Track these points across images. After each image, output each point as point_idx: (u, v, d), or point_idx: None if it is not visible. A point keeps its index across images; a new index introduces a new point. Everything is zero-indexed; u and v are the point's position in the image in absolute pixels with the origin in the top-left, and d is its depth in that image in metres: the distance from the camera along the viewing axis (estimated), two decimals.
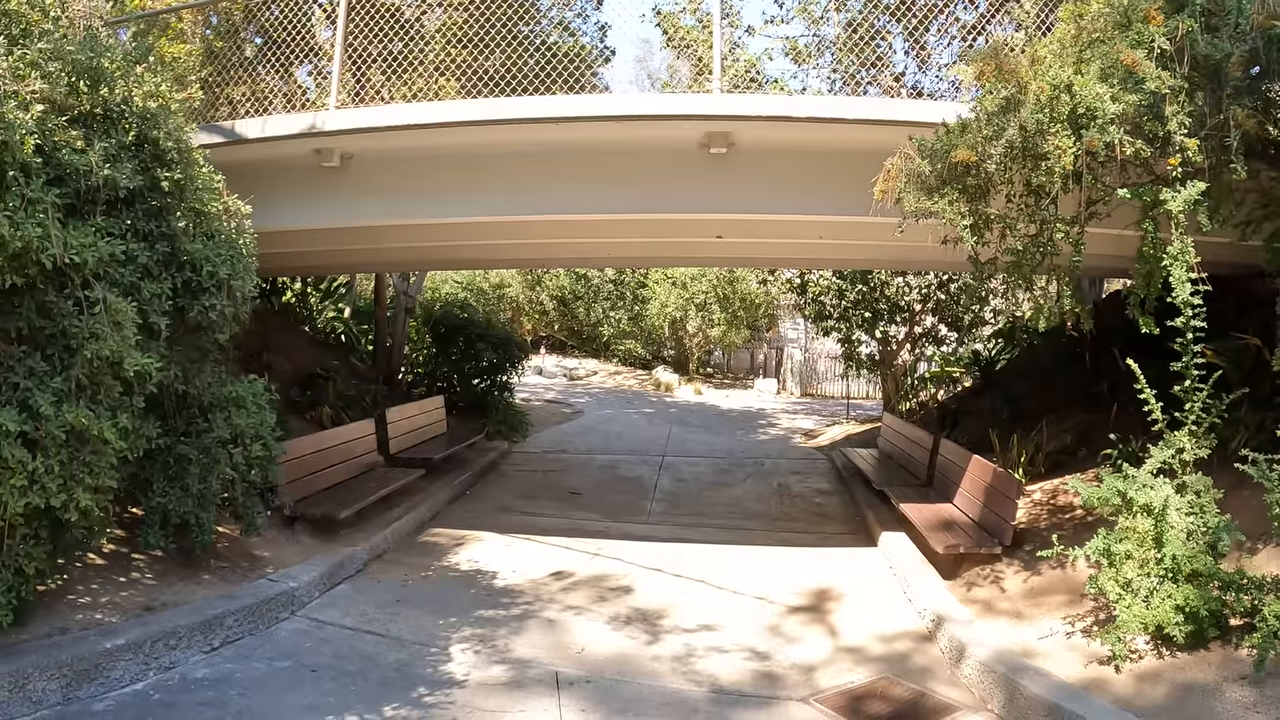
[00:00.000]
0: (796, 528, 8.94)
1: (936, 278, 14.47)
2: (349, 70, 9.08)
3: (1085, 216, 5.25)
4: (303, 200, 7.31)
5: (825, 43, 10.23)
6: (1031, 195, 5.17)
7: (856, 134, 6.29)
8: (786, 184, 6.64)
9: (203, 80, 8.42)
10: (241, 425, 5.53)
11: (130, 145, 4.92)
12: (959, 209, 4.74)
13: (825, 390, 23.59)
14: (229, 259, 5.18)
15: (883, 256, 10.15)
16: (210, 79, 8.43)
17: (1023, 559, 6.73)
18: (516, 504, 9.62)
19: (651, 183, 6.70)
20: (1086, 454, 8.65)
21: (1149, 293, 5.41)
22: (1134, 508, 5.14)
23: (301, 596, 6.02)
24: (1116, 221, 5.49)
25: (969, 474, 7.81)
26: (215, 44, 9.14)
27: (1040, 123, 4.68)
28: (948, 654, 5.55)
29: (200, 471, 5.44)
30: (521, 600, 6.38)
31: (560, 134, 6.48)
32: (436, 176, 7.06)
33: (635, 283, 26.80)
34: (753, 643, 5.73)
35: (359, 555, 6.98)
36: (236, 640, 5.34)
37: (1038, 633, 5.58)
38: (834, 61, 9.40)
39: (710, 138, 6.23)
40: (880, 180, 4.95)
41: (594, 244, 9.54)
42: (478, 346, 14.21)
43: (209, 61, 8.82)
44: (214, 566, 6.16)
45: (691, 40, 11.16)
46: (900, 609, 6.49)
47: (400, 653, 5.31)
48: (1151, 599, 4.94)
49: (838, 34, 9.25)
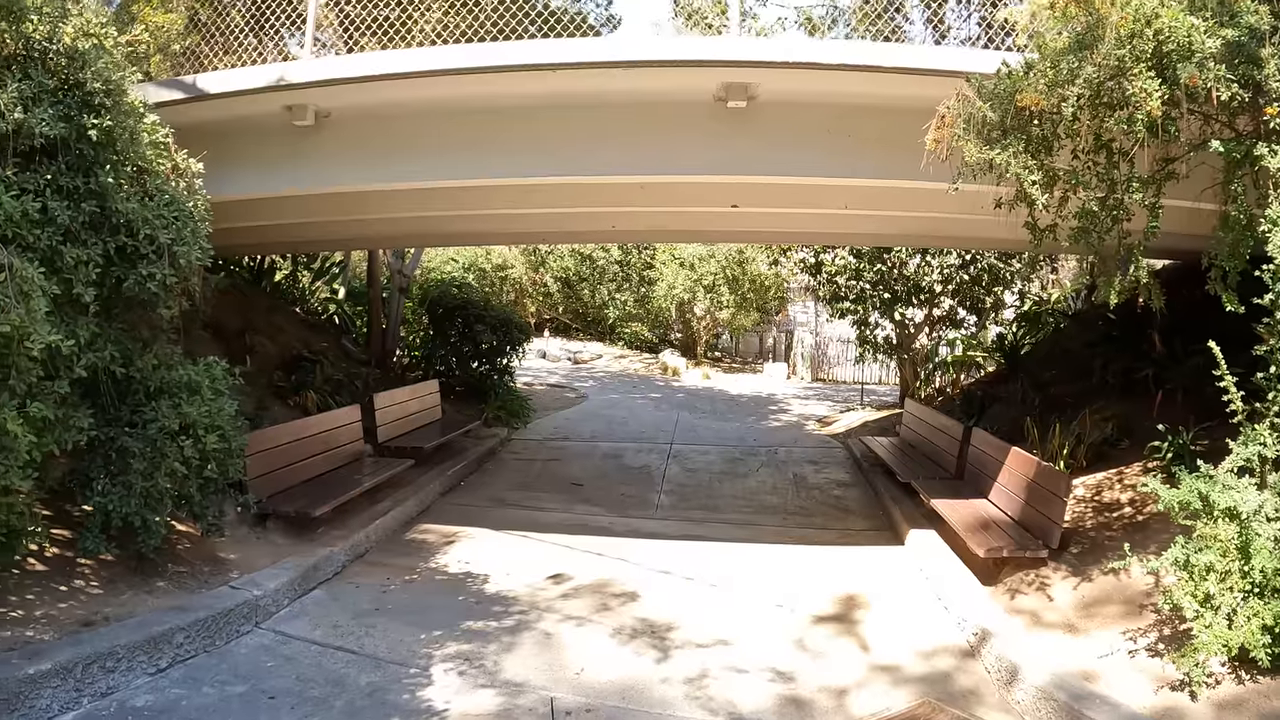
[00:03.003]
0: (815, 523, 8.27)
1: (960, 257, 13.70)
2: (340, 38, 8.41)
3: (1163, 176, 4.52)
4: (273, 164, 6.61)
5: (840, 13, 9.53)
6: (1101, 151, 4.45)
7: (890, 87, 5.57)
8: (810, 144, 5.91)
9: (186, 50, 7.80)
10: (192, 414, 4.84)
11: (55, 90, 4.23)
12: (1024, 162, 4.01)
13: (836, 375, 22.88)
14: (172, 222, 4.48)
15: (910, 230, 9.40)
16: (193, 50, 7.79)
17: (1070, 563, 6.07)
18: (514, 496, 8.96)
19: (662, 142, 5.98)
20: (1130, 445, 7.98)
21: (1233, 266, 4.68)
22: (1214, 512, 4.47)
23: (267, 606, 5.37)
24: (1186, 190, 4.78)
25: (1008, 467, 7.12)
26: (200, 11, 8.50)
27: (1121, 61, 3.95)
28: (996, 674, 4.89)
29: (145, 467, 4.77)
30: (515, 609, 5.71)
31: (561, 85, 5.76)
32: (423, 137, 6.35)
33: (642, 264, 26.02)
34: (775, 660, 5.07)
35: (336, 557, 6.33)
36: (188, 659, 4.69)
37: (1096, 650, 4.92)
38: (848, 32, 8.69)
39: (728, 89, 5.50)
40: (933, 128, 4.22)
41: (598, 214, 8.80)
42: (476, 328, 13.53)
43: (192, 30, 8.19)
44: (171, 572, 5.51)
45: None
46: (936, 618, 5.82)
47: (374, 674, 4.66)
48: (1235, 617, 4.28)
49: (851, 3, 8.55)
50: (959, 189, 4.30)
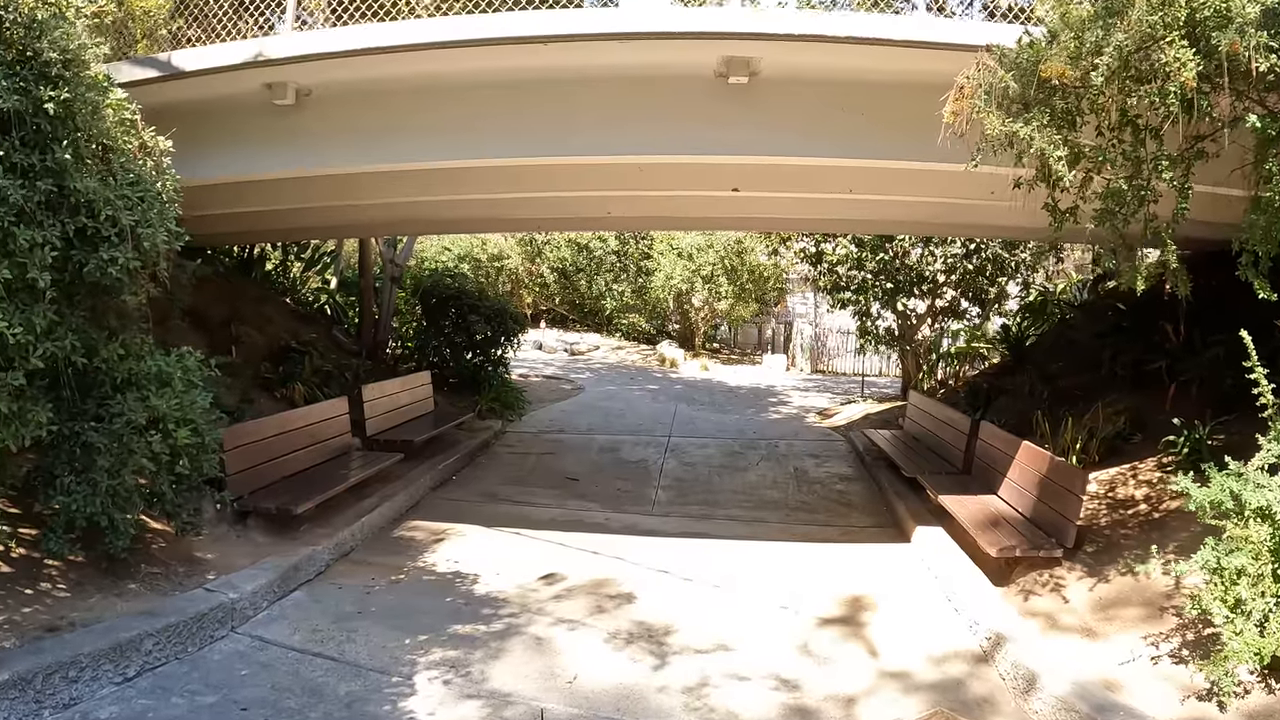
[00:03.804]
0: (818, 520, 8.01)
1: (964, 246, 13.43)
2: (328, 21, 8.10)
3: (1193, 154, 4.25)
4: (254, 145, 6.31)
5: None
6: (1127, 127, 4.17)
7: (899, 61, 5.29)
8: (815, 123, 5.62)
9: (173, 35, 7.50)
10: (161, 407, 4.56)
11: (12, 61, 3.94)
12: (1049, 136, 3.73)
13: (836, 367, 22.61)
14: (136, 203, 4.19)
15: (917, 217, 9.10)
16: (179, 33, 7.48)
17: (1085, 563, 5.82)
18: (507, 492, 8.69)
19: (661, 121, 5.68)
20: (1143, 439, 7.72)
21: (1266, 251, 4.41)
22: (1245, 512, 4.22)
23: (244, 609, 5.10)
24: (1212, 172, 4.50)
25: (1018, 462, 6.85)
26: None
27: (1153, 28, 3.67)
28: (1011, 682, 4.63)
29: (111, 464, 4.49)
30: (505, 612, 5.45)
31: (555, 59, 5.48)
32: (409, 116, 6.05)
33: (639, 254, 25.68)
34: (778, 666, 4.81)
35: (319, 556, 6.06)
36: (158, 667, 4.43)
37: (1117, 656, 4.67)
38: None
39: (728, 64, 5.21)
40: (952, 99, 3.93)
41: (594, 199, 8.50)
42: (470, 318, 13.24)
43: (179, 14, 7.89)
44: (144, 573, 5.24)
45: None
46: (946, 621, 5.57)
47: (354, 683, 4.39)
48: (1268, 623, 4.03)
49: None
50: (977, 167, 4.01)
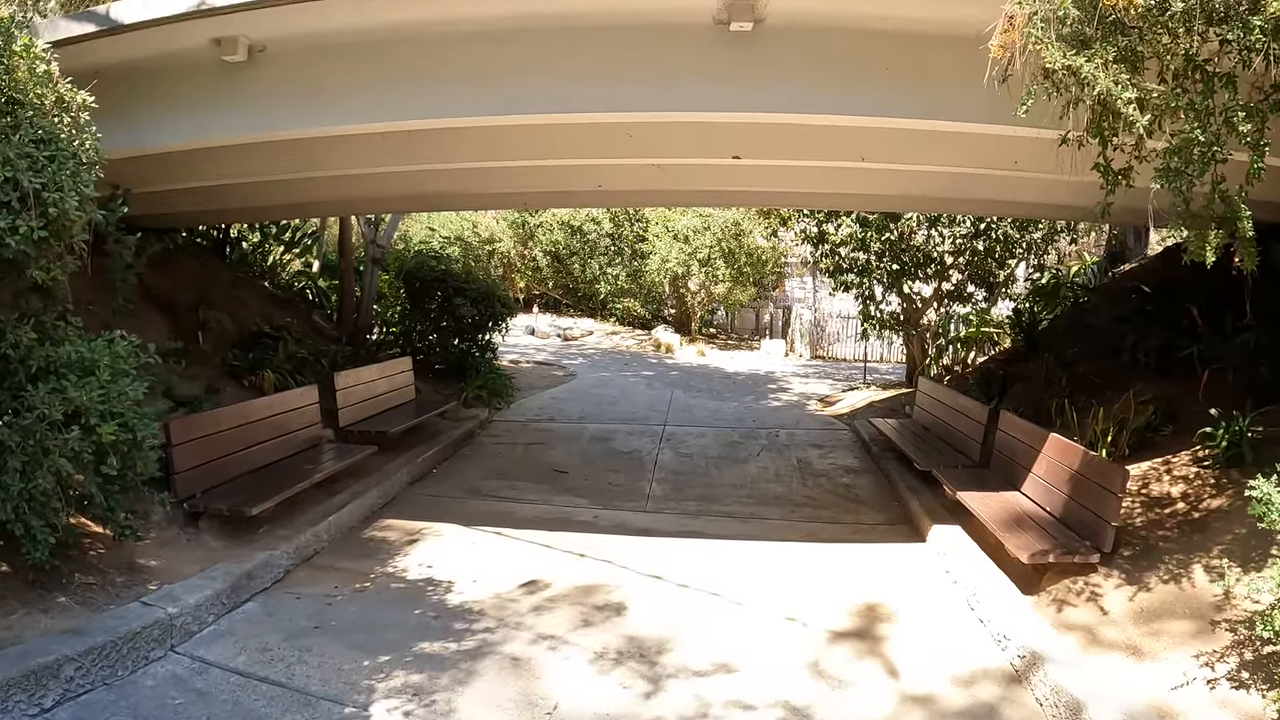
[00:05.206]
0: (825, 516, 7.45)
1: (972, 226, 12.82)
2: None
3: (1270, 105, 3.66)
4: (202, 108, 5.68)
5: None
6: (1196, 71, 3.58)
7: (921, 7, 4.69)
8: (827, 75, 5.00)
9: None
10: (81, 400, 3.97)
11: None
12: (1116, 74, 3.14)
13: (836, 352, 22.05)
14: (44, 163, 3.59)
15: (927, 191, 8.47)
16: None
17: (1123, 569, 5.26)
18: (490, 486, 8.11)
19: (653, 74, 5.05)
20: (1174, 431, 7.16)
21: None
22: None
23: (186, 624, 4.53)
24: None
25: (1045, 456, 6.30)
26: None
27: None
28: (1052, 709, 4.09)
29: (24, 464, 3.91)
30: (480, 626, 4.88)
31: (531, 4, 4.87)
32: (372, 71, 5.40)
33: (634, 237, 25.01)
34: (787, 690, 4.25)
35: (277, 561, 5.48)
36: (80, 695, 3.86)
37: (1168, 678, 4.13)
38: None
39: (730, 8, 4.59)
40: (1000, 30, 3.34)
41: (582, 169, 7.85)
42: (456, 301, 12.63)
43: None
44: (77, 584, 4.66)
45: None
46: (972, 634, 5.02)
47: (301, 714, 3.83)
48: None
49: None
50: (1027, 113, 3.42)
